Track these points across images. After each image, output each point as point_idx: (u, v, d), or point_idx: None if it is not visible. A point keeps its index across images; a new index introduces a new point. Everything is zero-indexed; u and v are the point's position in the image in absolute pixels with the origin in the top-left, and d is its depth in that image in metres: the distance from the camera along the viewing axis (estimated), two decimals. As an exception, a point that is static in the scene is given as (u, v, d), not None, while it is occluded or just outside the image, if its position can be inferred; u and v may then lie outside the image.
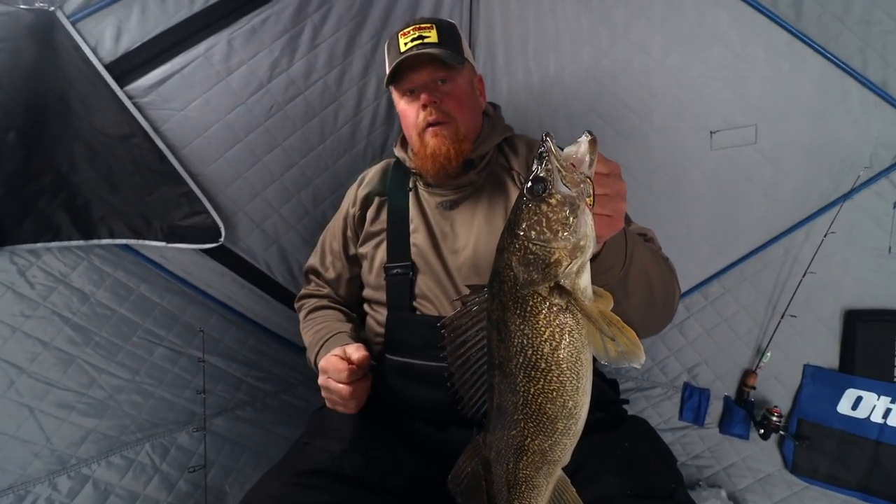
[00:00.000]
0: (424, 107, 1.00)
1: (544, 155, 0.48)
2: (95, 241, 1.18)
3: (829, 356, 1.38)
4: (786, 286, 1.41)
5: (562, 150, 0.50)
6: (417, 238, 1.06)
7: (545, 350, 0.50)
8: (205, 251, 1.34)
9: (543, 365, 0.51)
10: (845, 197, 1.30)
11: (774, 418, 1.38)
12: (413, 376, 0.98)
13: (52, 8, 1.05)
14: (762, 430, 1.40)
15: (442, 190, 1.07)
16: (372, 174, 1.20)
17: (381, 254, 1.08)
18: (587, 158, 0.48)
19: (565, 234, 0.47)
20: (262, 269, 1.46)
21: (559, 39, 1.54)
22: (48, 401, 1.15)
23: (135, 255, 1.27)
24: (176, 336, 1.35)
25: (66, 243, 1.14)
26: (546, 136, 0.51)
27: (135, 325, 1.28)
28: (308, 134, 1.43)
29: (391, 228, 1.09)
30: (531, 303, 0.50)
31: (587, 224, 0.49)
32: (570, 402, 0.52)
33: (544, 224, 0.48)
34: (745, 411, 1.46)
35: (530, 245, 0.48)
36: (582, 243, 0.48)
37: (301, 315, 1.21)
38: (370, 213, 1.13)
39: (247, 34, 1.27)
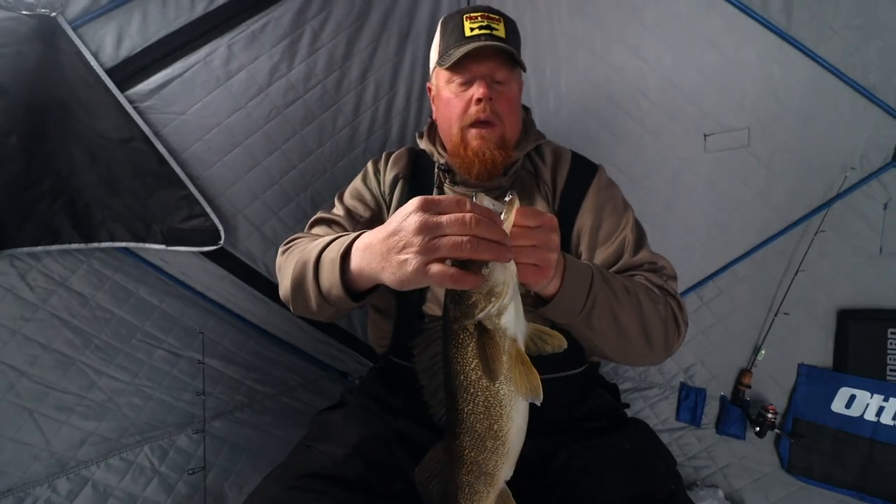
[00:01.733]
0: (479, 101, 0.93)
1: None
2: (95, 245, 1.19)
3: (822, 355, 1.40)
4: (780, 286, 1.43)
5: (496, 207, 0.58)
6: None
7: (472, 378, 0.58)
8: (204, 254, 1.35)
9: (472, 390, 0.58)
10: (836, 198, 1.32)
11: (770, 415, 1.40)
12: (416, 381, 0.98)
13: (54, 14, 1.05)
14: (758, 428, 1.41)
15: (469, 190, 1.03)
16: (399, 155, 1.11)
17: None
18: (502, 217, 0.56)
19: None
20: (261, 272, 1.47)
21: (555, 44, 1.56)
22: (48, 403, 1.15)
23: (134, 259, 1.28)
24: (175, 338, 1.35)
25: (66, 246, 1.15)
26: (474, 195, 0.58)
27: (134, 328, 1.28)
28: (307, 137, 1.44)
29: None
30: (461, 336, 0.58)
31: (503, 273, 0.56)
32: (496, 426, 0.59)
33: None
34: (740, 410, 1.48)
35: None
36: (497, 290, 0.55)
37: (280, 258, 0.96)
38: (394, 202, 1.06)
39: (247, 39, 1.28)
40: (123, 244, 1.23)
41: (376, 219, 1.04)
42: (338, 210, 1.06)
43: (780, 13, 1.27)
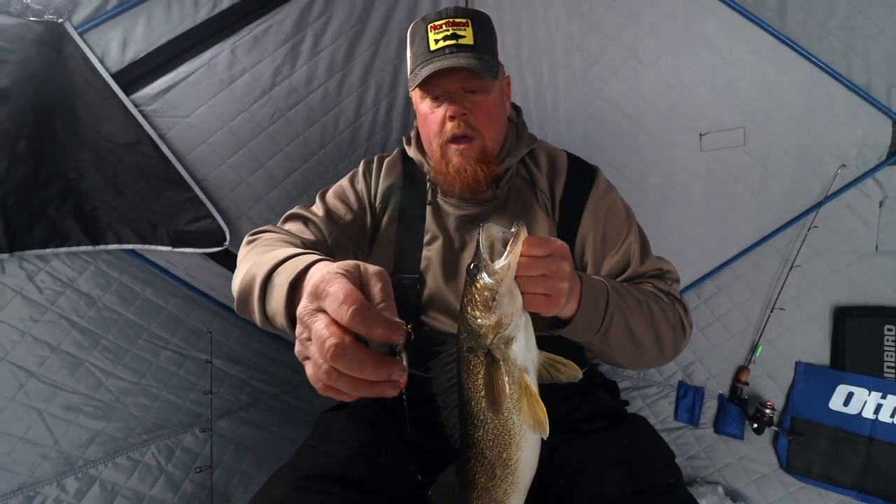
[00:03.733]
0: (452, 118, 0.90)
1: (477, 244, 0.57)
2: (103, 247, 1.21)
3: (820, 353, 1.41)
4: (776, 283, 1.44)
5: (506, 234, 0.58)
6: (431, 250, 0.99)
7: (483, 405, 0.58)
8: (209, 255, 1.37)
9: (483, 417, 0.59)
10: (832, 196, 1.34)
11: (767, 411, 1.40)
12: (420, 387, 0.98)
13: (61, 20, 1.08)
14: (756, 425, 1.42)
15: (463, 203, 1.00)
16: (392, 162, 1.07)
17: (387, 261, 1.01)
18: (509, 248, 0.56)
19: (487, 313, 0.55)
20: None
21: (552, 46, 1.58)
22: (56, 403, 1.17)
23: (140, 260, 1.30)
24: (181, 339, 1.37)
25: (73, 249, 1.17)
26: (482, 225, 0.57)
27: (141, 329, 1.30)
28: (309, 139, 1.46)
29: (403, 236, 1.01)
30: (472, 363, 0.58)
31: (511, 305, 0.57)
32: (505, 454, 0.59)
33: (474, 304, 0.56)
34: (738, 408, 1.49)
35: (467, 318, 0.57)
36: (505, 321, 0.56)
37: (242, 250, 0.84)
38: (387, 216, 1.03)
39: (250, 43, 1.30)
40: (130, 246, 1.25)
41: (357, 222, 1.01)
42: (317, 209, 1.00)
43: (774, 14, 1.29)
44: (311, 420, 1.06)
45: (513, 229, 0.57)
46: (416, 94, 0.98)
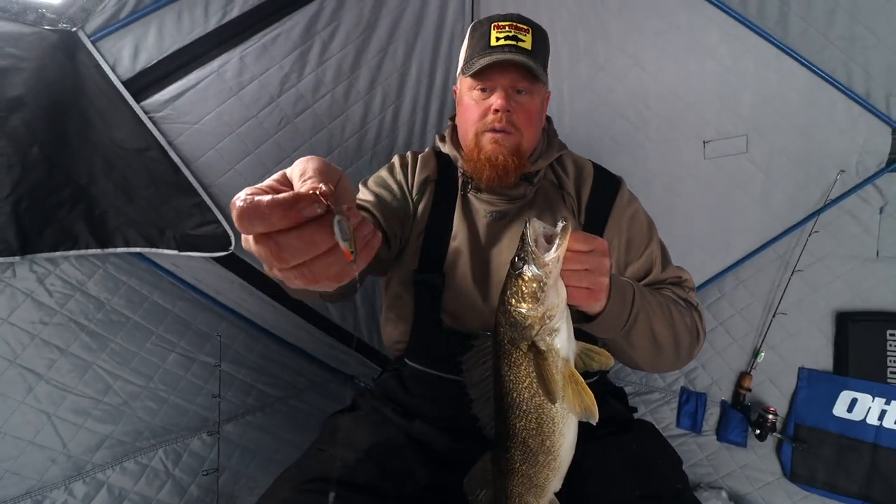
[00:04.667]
0: (496, 111, 0.93)
1: (524, 237, 0.58)
2: (111, 250, 1.22)
3: (822, 358, 1.42)
4: (779, 289, 1.46)
5: (547, 230, 0.60)
6: (457, 246, 1.00)
7: (525, 395, 0.60)
8: (215, 259, 1.37)
9: (525, 407, 0.60)
10: (833, 202, 1.35)
11: (770, 417, 1.40)
12: (435, 386, 0.98)
13: (75, 28, 1.09)
14: (758, 431, 1.42)
15: (494, 198, 1.02)
16: (427, 157, 1.09)
17: (412, 256, 1.02)
18: (557, 241, 0.57)
19: (535, 304, 0.57)
20: (269, 276, 1.49)
21: (558, 53, 1.59)
22: (65, 407, 1.17)
23: (148, 264, 1.31)
24: (188, 342, 1.38)
25: (83, 252, 1.18)
26: (528, 220, 0.58)
27: (148, 332, 1.31)
28: (316, 146, 1.48)
29: (431, 232, 1.02)
30: (514, 356, 0.59)
31: (557, 297, 0.58)
32: (548, 442, 0.61)
33: (520, 295, 0.57)
34: (741, 415, 1.49)
35: (511, 310, 0.58)
36: (551, 313, 0.58)
37: None
38: (421, 207, 1.04)
39: (258, 51, 1.32)
40: (138, 249, 1.25)
41: (402, 209, 1.02)
42: (366, 195, 1.01)
43: (776, 24, 1.31)
44: (317, 424, 1.06)
45: (560, 224, 0.58)
46: (463, 85, 1.00)
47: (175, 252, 1.30)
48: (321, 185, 0.40)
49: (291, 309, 1.56)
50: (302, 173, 0.42)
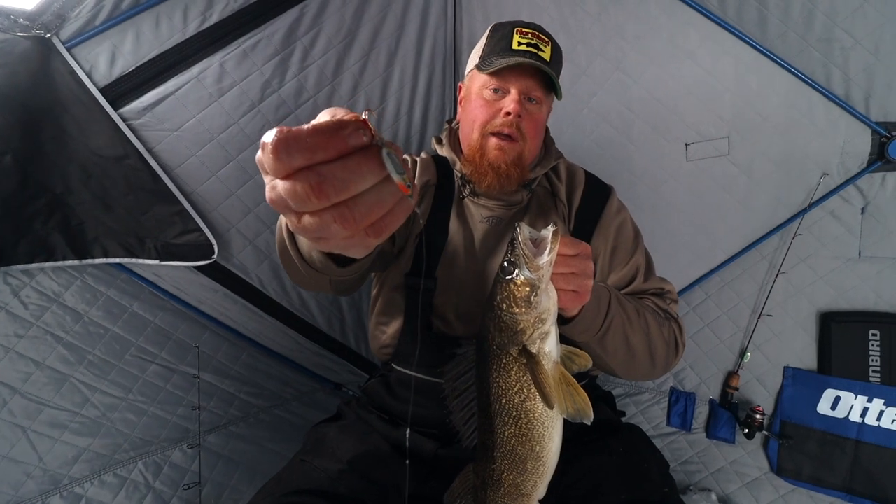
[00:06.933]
0: (507, 114, 0.92)
1: (515, 242, 0.57)
2: (89, 261, 1.19)
3: (807, 358, 1.43)
4: (764, 290, 1.47)
5: (532, 234, 0.60)
6: (452, 250, 1.00)
7: (515, 401, 0.59)
8: (198, 268, 1.35)
9: (514, 413, 0.60)
10: (815, 203, 1.37)
11: (757, 416, 1.42)
12: (422, 391, 0.97)
13: (49, 35, 1.07)
14: (746, 430, 1.44)
15: (492, 203, 1.02)
16: (426, 162, 1.07)
17: (405, 259, 1.01)
18: (549, 245, 0.57)
19: (528, 308, 0.57)
20: (254, 285, 1.48)
21: (540, 58, 1.60)
22: (41, 420, 1.15)
23: (128, 274, 1.28)
24: (169, 353, 1.36)
25: (59, 263, 1.15)
26: (517, 225, 0.58)
27: (128, 344, 1.28)
28: (298, 152, 1.46)
29: (427, 236, 1.00)
30: (504, 360, 0.59)
31: (548, 300, 0.58)
32: (538, 447, 0.61)
33: (512, 300, 0.57)
34: (729, 413, 1.50)
35: (502, 315, 0.58)
36: (543, 316, 0.57)
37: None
38: (419, 211, 1.03)
39: (238, 57, 1.31)
40: (117, 260, 1.23)
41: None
42: None
43: (755, 27, 1.32)
44: (302, 434, 1.05)
45: (550, 228, 0.58)
46: (475, 81, 0.98)
47: (156, 262, 1.28)
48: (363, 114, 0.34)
49: (276, 317, 1.54)
50: (333, 116, 0.36)
